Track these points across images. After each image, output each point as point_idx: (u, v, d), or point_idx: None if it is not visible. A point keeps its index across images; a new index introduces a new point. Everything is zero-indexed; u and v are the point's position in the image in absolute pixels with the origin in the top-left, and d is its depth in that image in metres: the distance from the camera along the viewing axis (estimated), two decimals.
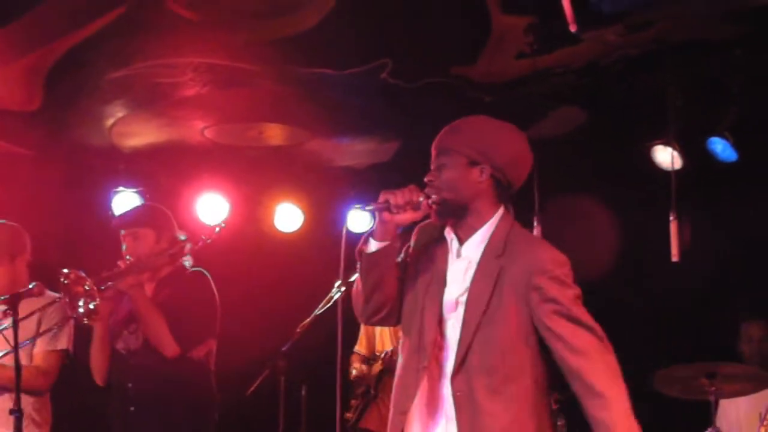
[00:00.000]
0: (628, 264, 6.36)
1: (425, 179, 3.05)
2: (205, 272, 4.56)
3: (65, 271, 4.21)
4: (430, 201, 2.99)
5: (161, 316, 4.35)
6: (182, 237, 4.52)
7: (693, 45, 5.13)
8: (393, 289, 3.07)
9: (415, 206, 2.98)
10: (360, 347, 5.97)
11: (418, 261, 3.11)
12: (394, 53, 5.21)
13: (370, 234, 3.02)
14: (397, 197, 2.96)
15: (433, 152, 3.07)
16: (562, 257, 3.04)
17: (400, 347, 3.16)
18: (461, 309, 2.99)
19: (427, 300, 3.04)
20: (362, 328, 5.94)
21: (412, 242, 3.16)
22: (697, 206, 5.69)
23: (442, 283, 3.04)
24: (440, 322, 3.02)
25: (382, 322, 3.16)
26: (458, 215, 3.05)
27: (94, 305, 4.16)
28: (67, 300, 4.22)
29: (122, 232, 4.52)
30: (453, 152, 3.02)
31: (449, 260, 3.06)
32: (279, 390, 5.33)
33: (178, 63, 5.29)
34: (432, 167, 3.06)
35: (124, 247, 4.50)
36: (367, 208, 3.02)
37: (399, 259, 3.10)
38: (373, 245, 3.00)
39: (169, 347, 4.35)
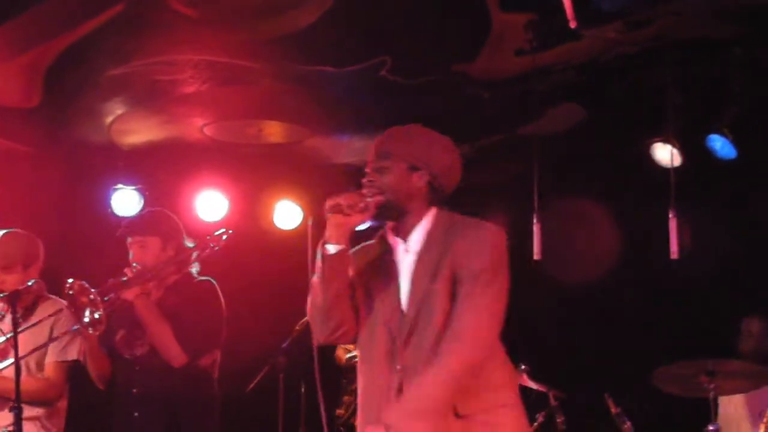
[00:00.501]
0: (628, 261, 6.36)
1: (364, 180, 3.25)
2: (213, 281, 4.55)
3: (69, 281, 4.19)
4: (370, 200, 3.18)
5: (168, 326, 4.31)
6: (190, 244, 4.51)
7: (693, 43, 5.13)
8: (348, 304, 3.25)
9: (364, 208, 3.17)
10: None
11: (365, 280, 3.28)
12: (394, 50, 5.21)
13: (325, 242, 3.21)
14: (347, 198, 3.16)
15: (373, 154, 3.28)
16: (497, 232, 3.18)
17: (359, 361, 3.32)
18: (404, 297, 3.18)
19: (385, 308, 3.20)
20: None
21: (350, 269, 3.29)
22: (696, 203, 5.69)
23: (397, 285, 3.20)
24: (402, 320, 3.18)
25: (339, 340, 3.39)
26: (396, 216, 3.24)
27: (99, 315, 4.14)
28: (73, 310, 4.21)
29: (128, 239, 4.48)
30: (395, 157, 3.22)
31: (399, 260, 3.23)
32: (278, 387, 5.33)
33: (178, 60, 5.29)
34: (370, 168, 3.26)
35: (130, 254, 4.45)
36: (326, 213, 3.18)
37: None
38: (332, 248, 3.20)
39: (176, 356, 4.31)
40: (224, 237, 4.59)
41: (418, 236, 3.20)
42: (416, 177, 3.20)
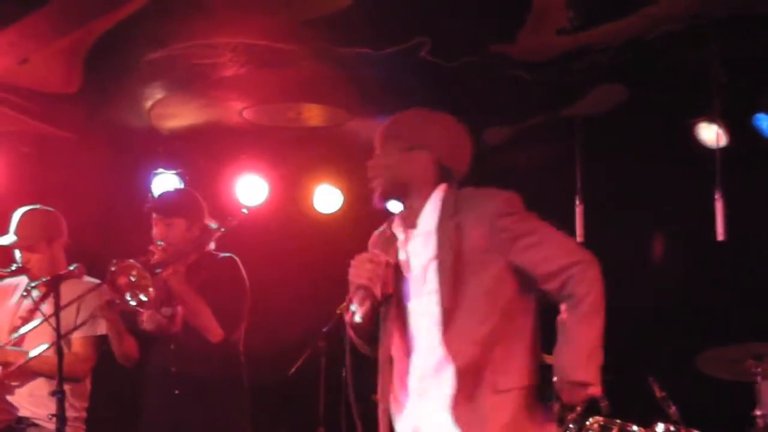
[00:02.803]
0: (673, 243, 6.30)
1: (368, 165, 3.27)
2: (235, 257, 4.65)
3: (114, 261, 4.25)
4: (373, 184, 3.24)
5: (205, 303, 4.41)
6: (213, 225, 4.60)
7: (738, 18, 5.06)
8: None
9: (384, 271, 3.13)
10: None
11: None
12: (433, 31, 5.19)
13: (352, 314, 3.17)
14: (369, 281, 3.10)
15: (376, 143, 3.30)
16: (508, 195, 3.15)
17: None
18: (431, 276, 3.10)
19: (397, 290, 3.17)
20: None
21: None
22: (742, 184, 5.62)
23: (402, 269, 3.18)
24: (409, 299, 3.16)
25: None
26: (400, 196, 3.25)
27: (150, 291, 4.22)
28: (113, 288, 4.26)
29: (154, 215, 4.57)
30: (394, 138, 3.25)
31: (407, 243, 3.20)
32: (320, 370, 5.35)
33: (216, 43, 5.30)
34: (373, 156, 3.28)
35: (154, 231, 4.54)
36: (354, 312, 3.14)
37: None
38: (358, 318, 3.17)
39: (215, 332, 4.44)
40: (244, 211, 4.73)
41: (427, 215, 3.18)
42: (416, 157, 3.20)
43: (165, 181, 6.85)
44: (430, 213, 3.18)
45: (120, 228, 6.35)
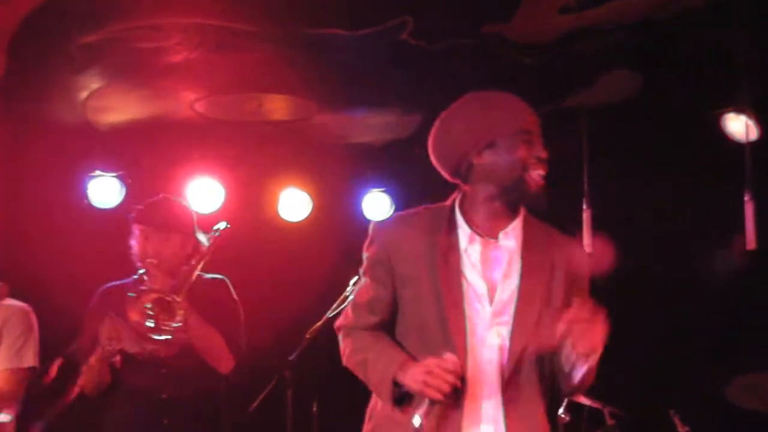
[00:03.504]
0: (695, 253, 6.32)
1: (544, 155, 3.17)
2: (227, 279, 4.84)
3: (148, 305, 4.34)
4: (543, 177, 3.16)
5: (215, 330, 4.56)
6: (204, 241, 4.72)
7: None
8: None
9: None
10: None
11: (414, 268, 3.17)
12: (416, 10, 5.18)
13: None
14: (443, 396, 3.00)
15: (536, 128, 3.21)
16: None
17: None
18: (510, 308, 3.09)
19: (444, 297, 3.10)
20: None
21: (374, 247, 3.25)
22: None
23: (458, 276, 3.12)
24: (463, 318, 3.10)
25: None
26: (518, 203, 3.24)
27: (176, 318, 4.37)
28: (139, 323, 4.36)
29: (142, 227, 4.61)
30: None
31: (465, 248, 3.14)
32: (286, 405, 5.33)
33: (163, 24, 5.28)
34: (539, 139, 3.20)
35: (143, 245, 4.57)
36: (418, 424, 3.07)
37: None
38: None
39: (227, 362, 4.64)
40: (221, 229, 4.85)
41: (514, 231, 3.17)
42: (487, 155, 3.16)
43: (103, 186, 6.81)
44: (515, 230, 3.18)
45: (50, 240, 6.32)
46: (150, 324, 4.36)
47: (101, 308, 4.52)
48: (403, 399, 3.07)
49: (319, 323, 5.16)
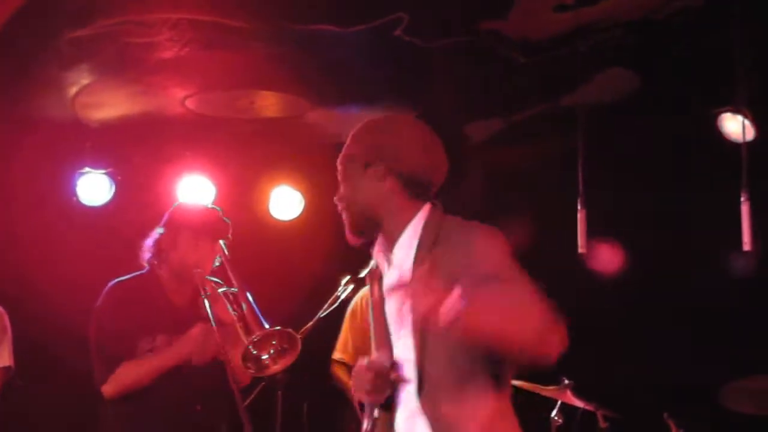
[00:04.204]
0: (691, 254, 6.31)
1: (335, 200, 3.22)
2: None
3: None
4: (344, 220, 3.19)
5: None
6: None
7: None
8: None
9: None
10: (345, 354, 5.78)
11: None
12: (411, 6, 5.16)
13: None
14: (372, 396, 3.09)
15: (338, 172, 3.25)
16: (495, 242, 3.05)
17: None
18: (407, 320, 3.08)
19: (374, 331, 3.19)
20: (348, 328, 5.75)
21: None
22: None
23: (382, 305, 3.18)
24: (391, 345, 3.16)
25: None
26: (375, 227, 3.19)
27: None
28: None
29: (209, 238, 4.61)
30: (349, 160, 3.20)
31: (384, 279, 3.19)
32: (276, 407, 5.32)
33: (153, 20, 5.27)
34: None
35: (190, 250, 4.53)
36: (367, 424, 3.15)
37: None
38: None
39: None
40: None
41: (403, 246, 3.13)
42: (373, 175, 3.13)
43: (92, 182, 6.80)
44: (407, 243, 3.12)
45: (39, 237, 6.30)
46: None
47: (120, 304, 4.39)
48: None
49: (310, 323, 5.15)
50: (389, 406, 3.09)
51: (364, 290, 5.48)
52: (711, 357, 6.06)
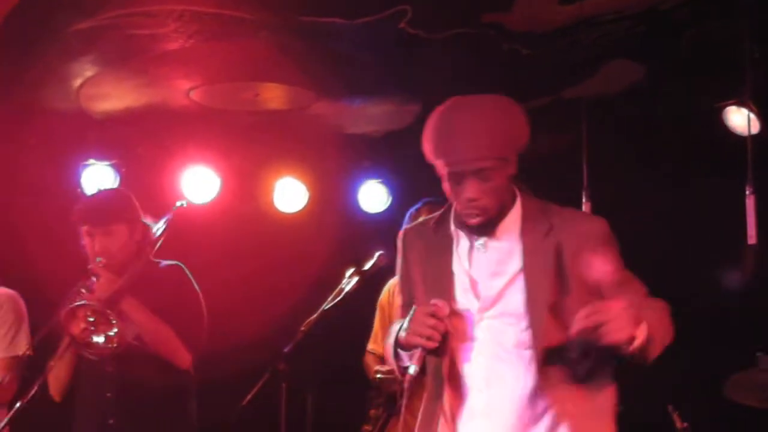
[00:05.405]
0: (695, 248, 6.31)
1: (473, 197, 3.11)
2: (182, 264, 4.61)
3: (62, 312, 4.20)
4: (478, 219, 3.13)
5: (168, 327, 4.39)
6: (152, 225, 4.56)
7: None
8: None
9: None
10: (376, 345, 5.88)
11: (420, 267, 3.27)
12: None
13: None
14: (429, 341, 3.08)
15: (469, 168, 3.11)
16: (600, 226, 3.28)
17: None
18: (515, 297, 3.12)
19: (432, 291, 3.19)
20: (378, 320, 5.87)
21: (401, 252, 3.35)
22: None
23: (451, 282, 3.19)
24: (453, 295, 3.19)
25: None
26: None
27: (112, 327, 4.20)
28: (79, 342, 4.23)
29: (86, 227, 4.46)
30: (496, 148, 3.16)
31: (461, 257, 3.20)
32: (280, 398, 5.32)
33: (159, 11, 5.26)
34: (469, 182, 3.10)
35: (89, 245, 4.44)
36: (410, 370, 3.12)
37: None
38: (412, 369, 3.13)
39: (183, 357, 4.46)
40: (176, 206, 4.67)
41: (506, 229, 3.17)
42: (510, 166, 3.20)
43: (97, 175, 6.80)
44: (513, 223, 3.18)
45: (43, 229, 6.31)
46: (91, 345, 4.23)
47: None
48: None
49: (314, 315, 5.16)
50: (438, 351, 3.12)
51: (392, 282, 5.55)
52: (715, 349, 6.07)
